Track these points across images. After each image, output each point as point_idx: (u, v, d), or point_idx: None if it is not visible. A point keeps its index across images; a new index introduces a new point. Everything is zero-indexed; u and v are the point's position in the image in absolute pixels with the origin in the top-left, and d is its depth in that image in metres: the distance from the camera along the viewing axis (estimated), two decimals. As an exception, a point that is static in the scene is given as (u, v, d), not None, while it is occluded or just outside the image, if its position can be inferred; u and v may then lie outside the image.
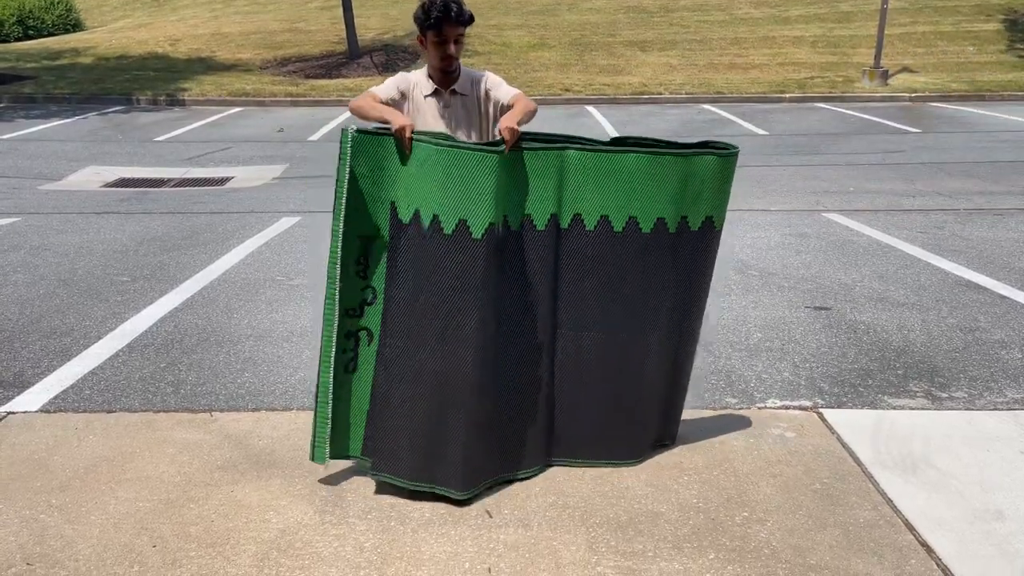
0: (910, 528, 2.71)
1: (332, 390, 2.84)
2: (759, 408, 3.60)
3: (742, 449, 3.23)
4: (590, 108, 14.97)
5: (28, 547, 2.60)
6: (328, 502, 2.86)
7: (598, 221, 2.81)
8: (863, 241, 6.33)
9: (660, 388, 3.10)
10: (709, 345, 4.27)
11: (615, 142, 2.84)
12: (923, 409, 3.60)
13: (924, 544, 2.63)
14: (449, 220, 2.66)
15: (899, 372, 3.99)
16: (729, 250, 6.03)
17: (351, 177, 2.72)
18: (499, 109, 3.08)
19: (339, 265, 2.77)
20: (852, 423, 3.43)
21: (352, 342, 2.88)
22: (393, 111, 2.88)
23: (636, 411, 3.08)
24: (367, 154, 2.73)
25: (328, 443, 2.88)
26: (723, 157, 2.85)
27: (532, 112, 2.95)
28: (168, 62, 18.20)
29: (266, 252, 6.04)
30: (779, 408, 3.61)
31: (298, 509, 2.82)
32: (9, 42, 21.83)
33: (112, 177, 9.06)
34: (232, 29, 21.10)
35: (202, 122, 13.39)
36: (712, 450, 3.22)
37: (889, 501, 2.87)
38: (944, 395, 3.75)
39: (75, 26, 24.28)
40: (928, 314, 4.76)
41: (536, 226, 2.80)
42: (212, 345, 4.31)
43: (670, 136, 3.48)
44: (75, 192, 8.38)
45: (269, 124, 13.10)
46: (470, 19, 2.99)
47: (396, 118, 2.76)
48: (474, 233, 2.65)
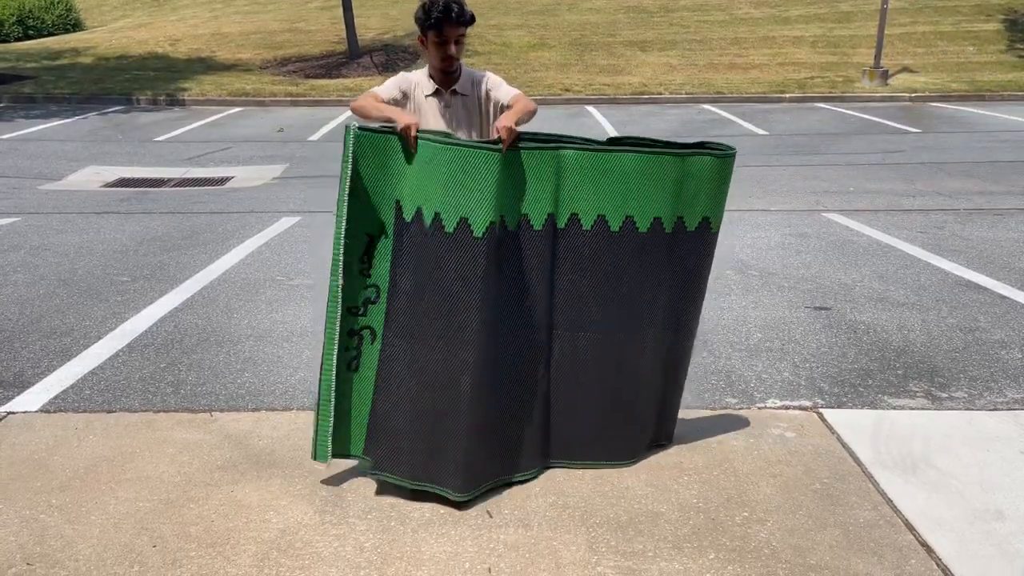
0: (910, 528, 2.72)
1: (335, 389, 2.83)
2: (759, 408, 3.60)
3: (742, 449, 3.23)
4: (590, 108, 14.97)
5: (28, 547, 2.61)
6: (328, 502, 2.86)
7: (595, 221, 2.81)
8: (863, 241, 6.33)
9: (657, 388, 3.10)
10: (709, 345, 4.28)
11: (612, 142, 2.83)
12: (923, 409, 3.60)
13: (924, 544, 2.63)
14: (450, 218, 2.65)
15: (899, 372, 3.99)
16: (729, 250, 6.03)
17: (355, 174, 2.72)
18: (499, 109, 3.07)
19: (342, 263, 2.76)
20: (852, 423, 3.44)
21: (355, 340, 2.87)
22: (397, 110, 2.89)
23: (633, 411, 3.08)
24: (371, 152, 2.73)
25: (330, 442, 2.88)
26: (720, 158, 2.84)
27: (531, 112, 2.95)
28: (168, 62, 18.20)
29: (266, 252, 6.05)
30: (779, 408, 3.61)
31: (298, 509, 2.82)
32: (9, 42, 21.83)
33: (112, 177, 9.07)
34: (232, 29, 21.10)
35: (202, 122, 13.39)
36: (712, 450, 3.22)
37: (889, 501, 2.87)
38: (944, 395, 3.75)
39: (75, 26, 24.28)
40: (928, 314, 4.76)
41: (533, 226, 2.79)
42: (212, 345, 4.31)
43: (670, 136, 3.48)
44: (75, 192, 8.38)
45: (269, 124, 13.10)
46: (471, 20, 2.99)
47: (401, 117, 2.76)
48: (475, 232, 2.65)
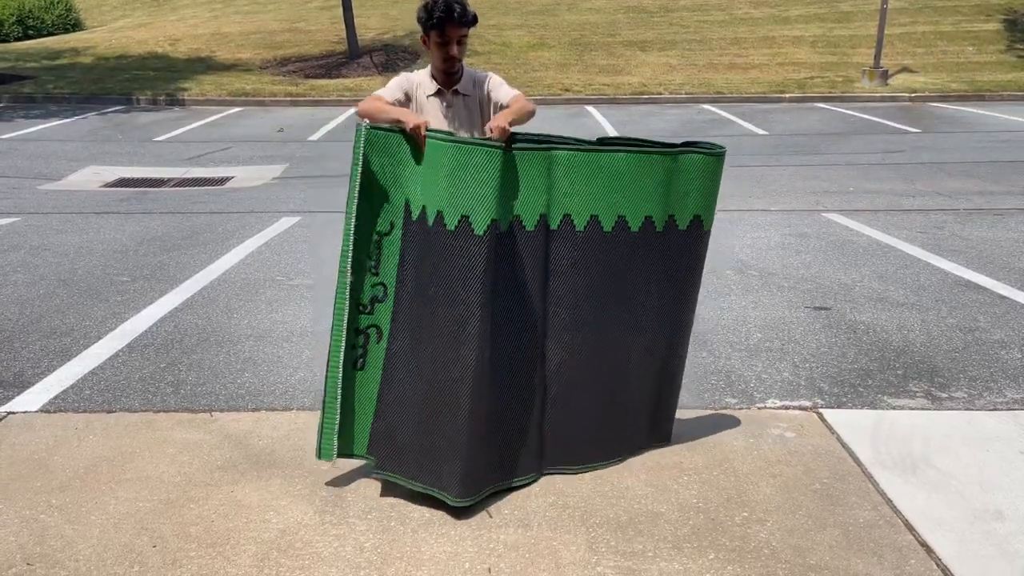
0: (910, 528, 2.72)
1: (340, 387, 2.83)
2: (759, 408, 3.61)
3: (742, 449, 3.23)
4: (590, 108, 14.97)
5: (28, 547, 2.61)
6: (328, 502, 2.86)
7: (588, 221, 2.82)
8: (863, 241, 6.33)
9: (653, 387, 3.11)
10: (709, 345, 4.28)
11: (601, 142, 2.86)
12: (923, 409, 3.60)
13: (924, 544, 2.63)
14: (452, 216, 2.65)
15: (899, 372, 3.99)
16: (729, 250, 6.04)
17: (365, 173, 2.73)
18: (499, 110, 3.07)
19: (350, 260, 2.77)
20: (852, 423, 3.44)
21: (362, 339, 2.87)
22: (405, 111, 2.90)
23: (629, 411, 3.08)
24: (380, 150, 2.75)
25: (335, 441, 2.87)
26: (710, 156, 2.88)
27: (529, 113, 2.95)
28: (168, 62, 18.20)
29: (266, 252, 6.05)
30: (779, 408, 3.61)
31: (298, 509, 2.82)
32: (9, 42, 21.83)
33: (112, 177, 9.06)
34: (232, 29, 21.10)
35: (202, 122, 13.39)
36: (712, 450, 3.22)
37: (889, 501, 2.87)
38: (944, 395, 3.75)
39: (75, 26, 24.28)
40: (928, 314, 4.76)
41: (525, 227, 2.79)
42: (212, 345, 4.31)
43: (669, 136, 3.48)
44: (75, 192, 8.38)
45: (269, 124, 13.10)
46: (473, 20, 2.98)
47: (409, 117, 2.77)
48: (476, 230, 2.64)
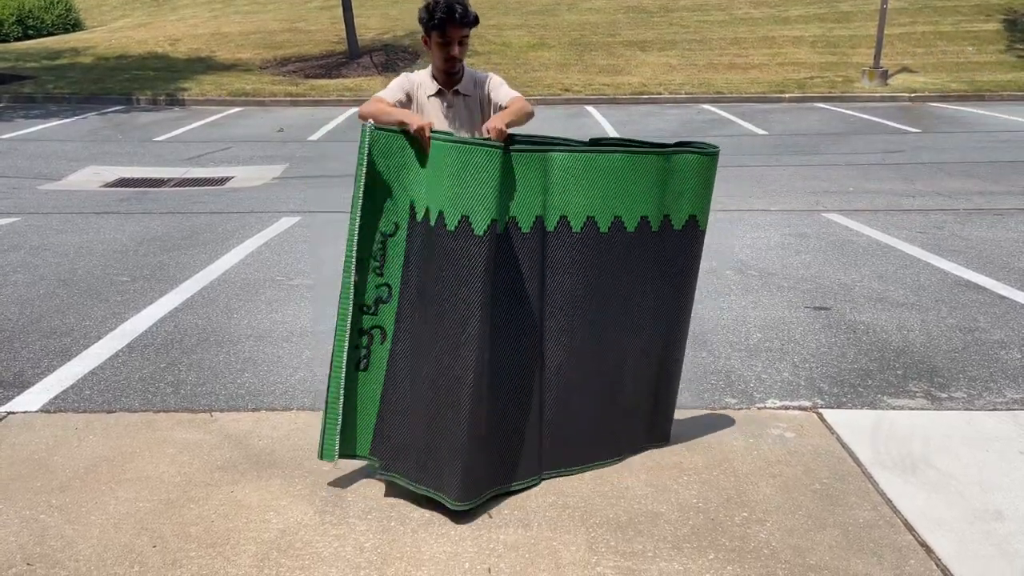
0: (909, 528, 2.72)
1: (343, 388, 2.83)
2: (759, 408, 3.61)
3: (742, 449, 3.23)
4: (590, 108, 14.97)
5: (28, 547, 2.61)
6: (328, 502, 2.86)
7: (584, 222, 2.82)
8: (863, 241, 6.34)
9: (651, 387, 3.11)
10: (708, 345, 4.28)
11: (594, 143, 2.87)
12: (922, 409, 3.60)
13: (924, 544, 2.63)
14: (452, 216, 2.65)
15: (898, 372, 3.99)
16: (729, 250, 6.04)
17: (370, 173, 2.74)
18: (497, 111, 3.08)
19: (354, 261, 2.77)
20: (852, 423, 3.44)
21: (365, 340, 2.87)
22: (408, 112, 2.90)
23: (628, 411, 3.08)
24: (385, 151, 2.75)
25: (337, 441, 2.87)
26: (703, 155, 2.90)
27: (527, 115, 2.96)
28: (168, 62, 18.20)
29: (266, 252, 6.05)
30: (779, 408, 3.61)
31: (298, 509, 2.82)
32: (9, 42, 21.83)
33: (112, 177, 9.06)
34: (232, 29, 21.10)
35: (202, 122, 13.39)
36: (712, 450, 3.22)
37: (888, 501, 2.87)
38: (943, 395, 3.75)
39: (75, 26, 24.27)
40: (927, 314, 4.76)
41: (522, 229, 2.79)
42: (212, 345, 4.31)
43: (670, 136, 3.49)
44: (75, 192, 8.38)
45: (269, 124, 13.10)
46: (475, 21, 2.98)
47: (413, 119, 2.78)
48: (476, 230, 2.63)
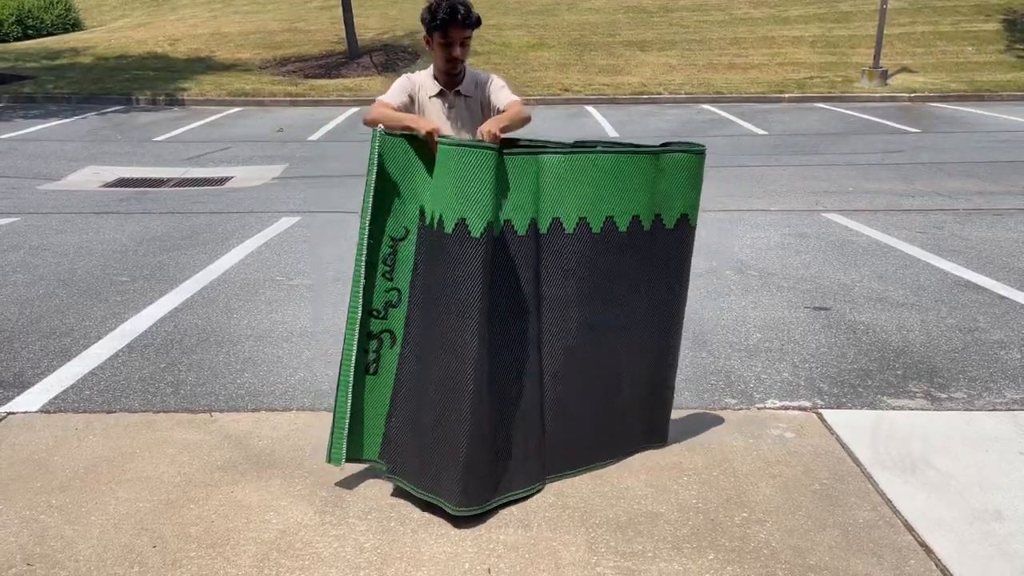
0: (909, 529, 2.72)
1: (351, 391, 2.83)
2: (758, 408, 3.61)
3: (741, 449, 3.23)
4: (589, 108, 14.97)
5: (28, 547, 2.61)
6: (328, 503, 2.86)
7: (577, 223, 2.83)
8: (862, 241, 6.34)
9: (648, 387, 3.11)
10: (708, 345, 4.28)
11: (578, 145, 2.89)
12: (922, 410, 3.60)
13: (923, 544, 2.63)
14: (450, 219, 2.65)
15: (898, 372, 3.99)
16: (729, 250, 6.04)
17: (380, 177, 2.74)
18: (495, 114, 3.08)
19: (364, 265, 2.77)
20: (851, 423, 3.44)
21: (375, 343, 2.87)
22: (415, 117, 2.91)
23: (626, 412, 3.08)
24: (395, 155, 2.75)
25: (345, 445, 2.87)
26: (691, 154, 2.95)
27: (523, 120, 2.96)
28: (167, 62, 18.20)
29: (266, 252, 6.05)
30: (778, 408, 3.61)
31: (298, 509, 2.82)
32: (8, 42, 21.83)
33: (111, 177, 9.06)
34: (231, 29, 21.10)
35: (201, 122, 13.39)
36: (711, 450, 3.22)
37: (888, 502, 2.87)
38: (943, 395, 3.75)
39: (74, 26, 24.27)
40: (927, 314, 4.76)
41: (517, 232, 2.79)
42: (212, 345, 4.31)
43: (669, 136, 3.49)
44: (74, 192, 8.38)
45: (269, 124, 13.10)
46: (477, 22, 2.98)
47: (420, 123, 2.78)
48: (472, 232, 2.64)
